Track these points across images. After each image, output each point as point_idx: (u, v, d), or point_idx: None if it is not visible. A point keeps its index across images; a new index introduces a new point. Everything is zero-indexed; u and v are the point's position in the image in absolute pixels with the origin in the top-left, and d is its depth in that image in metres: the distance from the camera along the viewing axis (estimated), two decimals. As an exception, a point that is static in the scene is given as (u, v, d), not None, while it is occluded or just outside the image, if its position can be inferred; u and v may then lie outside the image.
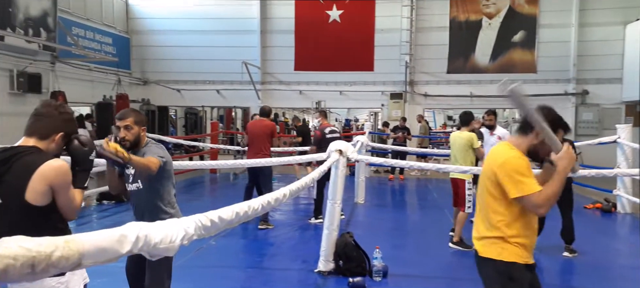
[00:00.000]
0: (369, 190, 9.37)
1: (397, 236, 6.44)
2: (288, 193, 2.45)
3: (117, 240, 0.97)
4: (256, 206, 1.94)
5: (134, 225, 1.07)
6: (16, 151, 1.90)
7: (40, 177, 1.83)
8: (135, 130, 2.80)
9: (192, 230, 1.31)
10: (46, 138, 1.97)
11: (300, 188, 2.79)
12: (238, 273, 4.68)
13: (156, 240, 1.09)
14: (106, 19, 14.38)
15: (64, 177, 1.90)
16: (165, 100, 15.38)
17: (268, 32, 15.03)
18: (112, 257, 0.97)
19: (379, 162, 6.94)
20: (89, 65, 13.16)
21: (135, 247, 1.02)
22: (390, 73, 14.66)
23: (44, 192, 1.85)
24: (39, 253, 0.78)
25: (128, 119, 2.79)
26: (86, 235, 0.92)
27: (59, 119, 2.01)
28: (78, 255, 0.86)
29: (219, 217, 1.54)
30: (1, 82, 10.56)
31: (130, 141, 2.78)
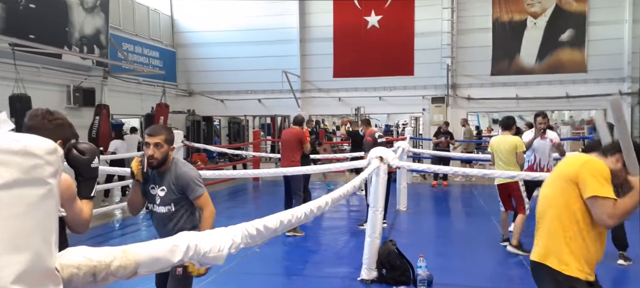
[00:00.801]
0: (411, 197, 9.22)
1: (441, 244, 6.31)
2: (330, 201, 2.46)
3: (170, 249, 1.02)
4: (299, 214, 1.96)
5: (185, 235, 1.12)
6: None
7: None
8: (165, 149, 2.63)
9: (239, 239, 1.34)
10: None
11: (342, 195, 2.79)
12: (282, 280, 4.74)
13: (205, 249, 1.13)
14: (153, 34, 15.02)
15: (67, 190, 1.77)
16: (210, 110, 15.84)
17: (307, 40, 15.20)
18: (164, 265, 1.01)
19: (420, 168, 6.82)
20: (138, 79, 13.77)
21: (186, 256, 1.06)
22: (431, 77, 14.43)
23: None
24: (99, 262, 0.83)
25: (160, 136, 2.63)
26: (141, 246, 0.97)
27: (50, 128, 1.88)
28: (134, 265, 0.91)
29: (265, 226, 1.58)
30: (59, 97, 11.22)
31: (158, 160, 2.63)
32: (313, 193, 8.87)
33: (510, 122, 5.69)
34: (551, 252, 2.20)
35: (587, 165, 2.13)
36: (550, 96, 13.65)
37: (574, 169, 2.16)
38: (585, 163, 2.15)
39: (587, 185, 2.07)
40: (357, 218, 7.56)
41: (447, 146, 11.71)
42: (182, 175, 2.66)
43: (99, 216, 6.94)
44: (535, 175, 5.21)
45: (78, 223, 1.87)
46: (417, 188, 11.16)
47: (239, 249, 1.31)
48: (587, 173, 2.10)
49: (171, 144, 2.69)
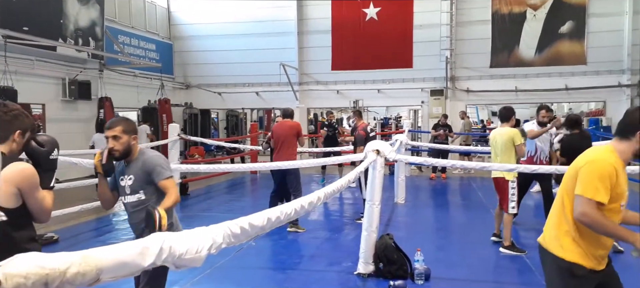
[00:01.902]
0: (409, 190, 9.18)
1: (439, 237, 6.25)
2: (322, 197, 2.39)
3: (139, 252, 0.95)
4: (289, 211, 1.89)
5: (158, 235, 1.05)
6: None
7: (5, 180, 1.81)
8: (125, 140, 2.64)
9: (221, 239, 1.27)
10: (5, 140, 1.94)
11: (336, 190, 2.73)
12: (277, 275, 4.68)
13: (181, 250, 1.06)
14: (150, 26, 14.89)
15: (29, 180, 1.88)
16: (207, 103, 15.75)
17: (305, 33, 15.08)
18: (133, 270, 0.94)
19: (418, 161, 6.75)
20: (134, 72, 13.66)
21: (158, 259, 0.99)
22: (430, 69, 14.35)
23: (12, 195, 1.83)
24: (52, 270, 0.76)
25: (116, 128, 2.63)
26: (104, 249, 0.90)
27: (7, 119, 1.96)
28: (96, 271, 0.84)
29: (250, 224, 1.50)
30: (54, 90, 11.13)
31: (120, 151, 2.64)
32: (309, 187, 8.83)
33: (508, 114, 5.47)
34: (553, 238, 2.28)
35: (589, 165, 2.14)
36: (550, 88, 13.57)
37: (580, 164, 2.19)
38: (589, 162, 2.15)
39: (580, 183, 2.13)
40: (354, 212, 7.51)
41: (446, 139, 11.65)
42: (147, 160, 2.68)
43: (94, 210, 6.87)
44: (534, 168, 5.14)
45: (40, 212, 1.96)
46: (415, 181, 11.11)
47: (221, 249, 1.24)
48: (585, 171, 2.13)
49: (131, 133, 2.68)
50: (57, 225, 6.40)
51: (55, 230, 6.13)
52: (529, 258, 5.01)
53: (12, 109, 2.00)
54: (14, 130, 1.95)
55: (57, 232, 6.06)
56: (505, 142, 5.28)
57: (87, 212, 6.85)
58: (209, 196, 9.78)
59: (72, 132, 11.07)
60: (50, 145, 2.11)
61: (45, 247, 5.54)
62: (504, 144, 5.28)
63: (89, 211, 6.81)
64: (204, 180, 10.63)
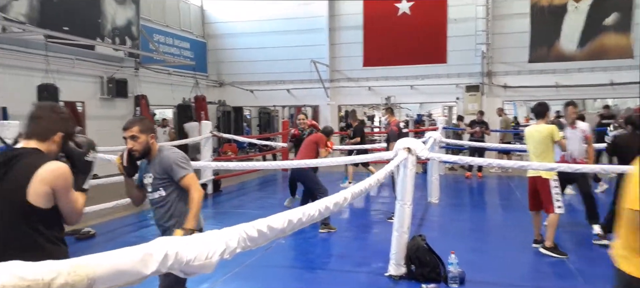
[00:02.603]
0: (443, 189, 8.93)
1: (474, 239, 6.02)
2: (349, 197, 2.28)
3: (140, 260, 0.87)
4: (312, 212, 1.80)
5: (161, 240, 0.97)
6: (17, 152, 1.87)
7: (41, 179, 1.80)
8: (143, 139, 2.63)
9: (235, 243, 1.19)
10: (46, 139, 1.93)
11: (363, 190, 2.61)
12: (306, 274, 4.61)
13: (189, 257, 0.98)
14: (184, 24, 15.13)
15: (63, 180, 1.86)
16: (240, 100, 15.89)
17: (336, 29, 14.96)
18: (133, 279, 0.87)
19: (452, 160, 6.52)
20: (169, 70, 13.92)
21: (163, 266, 0.91)
22: (466, 64, 13.94)
23: (46, 194, 1.81)
24: (35, 281, 0.69)
25: (133, 128, 2.62)
26: (99, 257, 0.82)
27: (56, 119, 1.97)
28: (87, 281, 0.77)
29: (269, 226, 1.42)
30: (93, 88, 11.47)
31: (139, 151, 2.64)
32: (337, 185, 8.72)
33: (543, 109, 5.19)
34: (620, 254, 1.99)
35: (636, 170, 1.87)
36: (593, 83, 12.91)
37: (634, 169, 1.92)
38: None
39: (628, 193, 1.87)
40: (387, 211, 7.34)
41: (482, 136, 11.28)
42: (164, 158, 2.66)
43: (129, 206, 7.00)
44: (578, 167, 4.85)
45: (71, 213, 1.93)
46: (450, 180, 10.82)
47: (235, 254, 1.15)
48: (632, 179, 1.86)
49: (149, 132, 2.67)
50: (95, 220, 6.56)
51: (92, 225, 6.28)
52: (572, 262, 4.74)
53: (61, 111, 2.03)
54: (57, 131, 1.96)
55: (94, 227, 6.21)
56: (543, 139, 5.02)
57: (122, 208, 6.99)
58: (242, 193, 9.83)
59: (110, 129, 11.35)
60: (87, 146, 2.11)
61: (83, 242, 5.69)
62: (542, 141, 5.03)
63: (125, 207, 6.94)
64: (236, 177, 10.71)
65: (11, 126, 4.65)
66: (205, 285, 4.16)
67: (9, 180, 1.80)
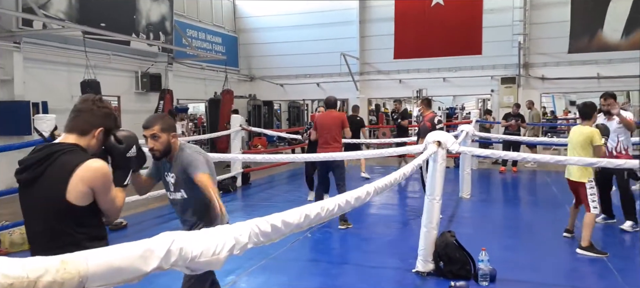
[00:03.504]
0: (475, 184, 8.70)
1: (507, 236, 5.82)
2: (372, 192, 2.22)
3: (140, 256, 0.84)
4: (331, 207, 1.74)
5: (166, 235, 0.94)
6: (57, 148, 1.83)
7: (79, 178, 1.76)
8: (164, 138, 2.52)
9: (246, 238, 1.15)
10: (86, 134, 1.88)
11: (387, 185, 2.54)
12: (332, 269, 4.57)
13: (195, 252, 0.95)
14: (216, 19, 15.30)
15: (102, 178, 1.81)
16: (270, 95, 15.98)
17: (367, 21, 14.78)
18: (132, 276, 0.84)
19: (483, 154, 6.31)
20: (201, 65, 14.13)
21: (165, 262, 0.88)
22: (501, 56, 13.51)
23: (84, 193, 1.78)
24: (19, 279, 0.66)
25: (154, 127, 2.51)
26: (94, 253, 0.79)
27: (98, 114, 1.92)
28: (79, 279, 0.74)
29: (284, 221, 1.38)
30: (128, 82, 11.77)
31: (160, 151, 2.54)
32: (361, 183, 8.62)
33: (589, 110, 4.96)
34: None
35: None
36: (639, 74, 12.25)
37: None
38: None
39: None
40: (417, 206, 7.19)
41: (518, 130, 10.91)
42: (184, 158, 2.57)
43: (160, 198, 7.15)
44: (619, 162, 4.60)
45: (110, 210, 1.91)
46: (483, 175, 10.54)
47: (246, 249, 1.12)
48: None
49: (170, 131, 2.56)
50: (126, 211, 6.73)
51: (124, 216, 6.46)
52: (611, 261, 4.51)
53: (104, 105, 1.96)
54: (98, 126, 1.91)
55: (126, 218, 6.38)
56: (582, 142, 4.81)
57: (153, 200, 7.14)
58: (271, 186, 9.89)
59: (144, 122, 11.67)
60: (128, 142, 2.05)
61: (114, 232, 5.85)
62: (581, 144, 4.82)
63: (156, 199, 7.08)
64: (266, 170, 10.77)
65: (47, 119, 4.80)
66: (232, 277, 4.19)
67: (47, 178, 1.78)
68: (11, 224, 5.03)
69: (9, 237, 5.07)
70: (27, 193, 1.85)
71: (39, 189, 1.79)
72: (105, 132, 1.93)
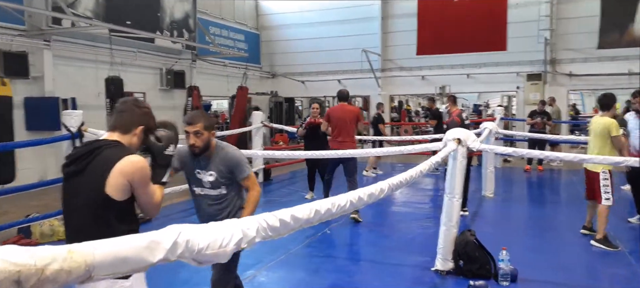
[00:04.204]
0: (499, 182, 8.56)
1: (530, 235, 5.71)
2: (386, 188, 2.21)
3: (146, 246, 0.86)
4: (343, 203, 1.75)
5: (173, 227, 0.96)
6: (100, 144, 1.92)
7: (119, 172, 1.83)
8: (205, 136, 2.62)
9: (253, 232, 1.17)
10: (128, 132, 1.98)
11: (403, 182, 2.52)
12: (350, 266, 4.57)
13: (201, 244, 0.97)
14: (238, 17, 15.43)
15: (141, 173, 1.87)
16: (292, 91, 16.04)
17: (389, 17, 14.66)
18: (138, 267, 0.86)
19: (505, 152, 6.20)
20: (224, 62, 14.28)
21: (172, 254, 0.90)
22: (527, 52, 13.19)
23: (122, 186, 1.84)
24: (26, 267, 0.68)
25: (197, 124, 2.60)
26: (100, 243, 0.82)
27: (138, 113, 2.02)
28: (85, 268, 0.76)
29: (293, 216, 1.39)
30: (153, 79, 12.00)
31: (200, 148, 2.63)
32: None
33: (608, 101, 4.98)
34: None
35: None
36: None
37: None
38: None
39: None
40: (432, 204, 7.13)
41: (544, 127, 10.66)
42: (231, 158, 2.69)
43: (182, 192, 7.28)
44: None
45: (149, 206, 1.97)
46: (507, 173, 10.35)
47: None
48: None
49: (211, 129, 2.66)
50: (150, 205, 6.88)
51: (148, 210, 6.59)
52: (637, 263, 4.37)
53: (144, 106, 2.08)
54: (139, 125, 2.00)
55: (150, 213, 6.51)
56: (600, 132, 4.84)
57: (176, 194, 7.27)
58: (292, 182, 9.93)
59: (168, 118, 11.82)
60: (167, 140, 2.13)
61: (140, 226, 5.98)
62: (600, 135, 4.85)
63: (178, 193, 7.22)
64: (287, 166, 10.83)
65: (74, 115, 4.94)
66: (251, 271, 4.24)
67: (90, 171, 1.85)
68: (41, 216, 5.21)
69: (39, 228, 5.25)
70: (71, 186, 1.93)
71: (82, 182, 1.88)
72: (145, 130, 2.03)
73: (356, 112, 6.40)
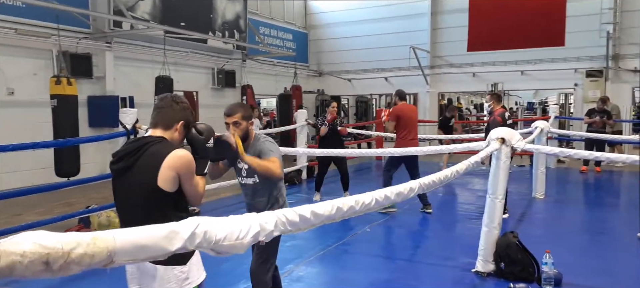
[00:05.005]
0: (552, 184, 8.22)
1: (579, 239, 5.46)
2: (416, 188, 2.24)
3: (165, 236, 0.96)
4: (368, 201, 1.80)
5: (192, 219, 1.06)
6: (147, 141, 2.04)
7: (168, 165, 1.95)
8: (244, 126, 2.78)
9: (271, 226, 1.25)
10: (169, 128, 2.09)
11: (436, 181, 2.53)
12: (387, 264, 4.59)
13: (219, 236, 1.06)
14: (287, 17, 15.69)
15: (188, 165, 2.00)
16: (338, 89, 16.10)
17: (439, 13, 14.37)
18: (156, 254, 0.96)
19: (552, 152, 5.90)
20: (273, 61, 14.58)
21: (190, 243, 0.99)
22: (587, 47, 12.51)
23: (172, 179, 1.97)
24: (54, 250, 0.79)
25: (236, 114, 2.77)
26: (121, 232, 0.92)
27: (177, 109, 2.12)
28: (107, 253, 0.86)
29: (313, 212, 1.46)
30: (205, 79, 12.48)
31: (239, 137, 2.74)
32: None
33: None
34: None
35: None
36: None
37: None
38: None
39: None
40: (476, 204, 6.94)
41: (603, 127, 10.07)
42: (262, 144, 2.83)
43: (230, 188, 7.56)
44: None
45: (194, 195, 2.10)
46: (561, 174, 9.90)
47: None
48: None
49: (248, 119, 2.82)
50: (200, 199, 7.21)
51: (198, 204, 6.91)
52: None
53: (182, 101, 2.19)
54: (179, 120, 2.12)
55: (198, 206, 6.82)
56: None
57: (224, 189, 7.57)
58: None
59: (219, 116, 12.22)
60: (207, 133, 2.26)
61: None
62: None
63: (225, 188, 7.51)
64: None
65: (130, 113, 5.28)
66: (290, 266, 4.36)
67: (140, 166, 2.00)
68: (99, 207, 5.61)
69: (97, 218, 5.65)
70: (121, 182, 2.09)
71: (133, 177, 2.02)
72: (185, 125, 2.15)
73: (417, 111, 6.54)
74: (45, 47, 8.57)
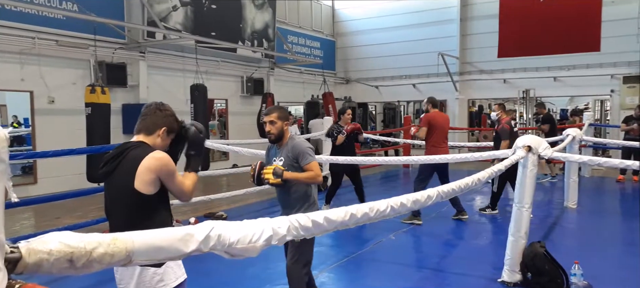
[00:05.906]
0: (586, 193, 7.98)
1: (611, 250, 5.26)
2: (434, 196, 2.25)
3: (181, 238, 1.02)
4: (383, 208, 1.83)
5: (207, 223, 1.12)
6: (128, 146, 2.11)
7: (145, 168, 2.00)
8: (279, 125, 3.04)
9: (284, 231, 1.30)
10: (151, 133, 2.16)
11: (456, 189, 2.53)
12: (412, 273, 4.56)
13: (232, 239, 1.12)
14: (315, 25, 15.86)
15: (165, 166, 2.05)
16: (365, 96, 16.12)
17: (468, 19, 14.21)
18: (172, 255, 1.02)
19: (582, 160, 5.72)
20: (300, 69, 14.74)
21: (204, 246, 1.06)
22: (624, 52, 12.12)
23: (151, 181, 2.01)
24: (77, 248, 0.87)
25: (273, 114, 3.05)
26: (140, 233, 0.99)
27: (160, 116, 2.19)
28: (126, 253, 0.94)
29: (326, 218, 1.50)
30: (234, 86, 12.74)
31: (275, 135, 3.05)
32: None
33: None
34: None
35: None
36: None
37: None
38: None
39: None
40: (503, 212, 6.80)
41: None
42: (296, 145, 3.04)
43: (257, 193, 7.70)
44: None
45: (180, 193, 2.18)
46: (597, 183, 9.58)
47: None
48: None
49: (285, 120, 3.08)
50: (227, 205, 7.37)
51: (225, 209, 7.07)
52: None
53: (165, 109, 2.27)
54: (161, 126, 2.20)
55: (226, 211, 6.97)
56: None
57: (250, 195, 7.72)
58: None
59: (248, 123, 12.55)
60: (206, 133, 2.41)
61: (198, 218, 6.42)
62: None
63: (252, 194, 7.65)
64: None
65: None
66: (314, 273, 4.38)
67: (120, 171, 2.09)
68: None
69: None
70: (107, 186, 2.19)
71: (114, 181, 2.12)
72: (167, 131, 2.21)
73: (449, 119, 6.61)
74: (84, 57, 8.98)
